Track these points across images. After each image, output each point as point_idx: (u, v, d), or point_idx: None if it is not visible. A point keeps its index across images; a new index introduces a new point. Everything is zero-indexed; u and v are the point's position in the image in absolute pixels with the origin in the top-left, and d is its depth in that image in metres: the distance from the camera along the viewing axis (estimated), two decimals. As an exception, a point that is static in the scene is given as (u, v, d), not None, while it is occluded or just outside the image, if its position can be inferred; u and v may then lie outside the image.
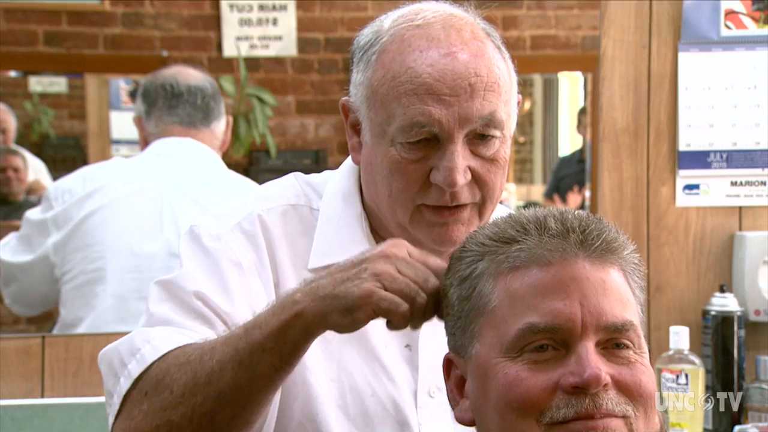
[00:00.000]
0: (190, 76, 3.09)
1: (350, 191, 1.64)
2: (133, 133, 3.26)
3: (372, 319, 1.33)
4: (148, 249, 2.86)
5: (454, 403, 1.36)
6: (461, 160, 1.51)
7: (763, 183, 2.62)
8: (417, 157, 1.51)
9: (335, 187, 1.66)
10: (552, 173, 7.16)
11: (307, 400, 1.55)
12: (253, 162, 5.49)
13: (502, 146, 1.55)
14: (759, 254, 2.57)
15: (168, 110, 3.03)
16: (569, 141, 8.38)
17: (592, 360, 1.23)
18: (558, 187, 6.70)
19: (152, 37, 5.66)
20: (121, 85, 5.94)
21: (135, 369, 1.45)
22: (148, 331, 1.49)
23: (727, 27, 2.60)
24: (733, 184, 2.62)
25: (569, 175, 6.59)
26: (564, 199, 6.47)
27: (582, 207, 5.81)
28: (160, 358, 1.43)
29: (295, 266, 1.59)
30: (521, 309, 1.26)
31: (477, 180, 1.54)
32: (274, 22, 5.50)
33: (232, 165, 3.27)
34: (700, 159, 2.62)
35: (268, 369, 1.37)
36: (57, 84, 5.99)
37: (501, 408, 1.25)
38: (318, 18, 5.57)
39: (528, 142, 8.82)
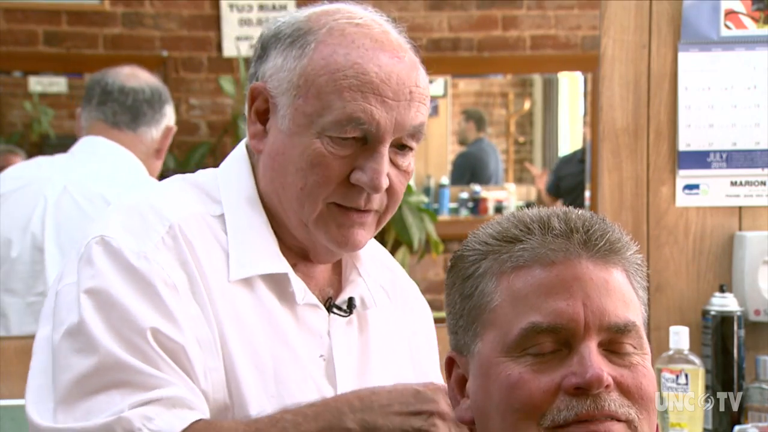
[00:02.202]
0: (132, 77, 3.01)
1: (253, 196, 1.57)
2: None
3: None
4: (15, 243, 2.84)
5: (454, 402, 1.36)
6: (387, 164, 1.51)
7: (763, 183, 2.62)
8: (343, 153, 1.50)
9: (234, 189, 1.58)
10: (552, 172, 7.16)
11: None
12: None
13: (412, 159, 1.56)
14: (759, 254, 2.57)
15: (97, 107, 2.98)
16: (569, 141, 8.39)
17: (595, 360, 1.23)
18: (558, 186, 6.71)
19: (152, 37, 5.67)
20: (121, 85, 5.93)
21: None
22: (142, 411, 1.39)
23: (727, 27, 2.60)
24: (733, 184, 2.62)
25: (570, 175, 6.59)
26: (566, 202, 6.45)
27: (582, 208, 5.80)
28: None
29: (217, 279, 1.51)
30: (524, 308, 1.25)
31: (389, 188, 1.53)
32: (274, 22, 5.49)
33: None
34: (699, 159, 2.62)
35: None
36: (57, 84, 5.99)
37: (502, 409, 1.25)
38: (317, 18, 5.56)
39: (528, 142, 8.81)
